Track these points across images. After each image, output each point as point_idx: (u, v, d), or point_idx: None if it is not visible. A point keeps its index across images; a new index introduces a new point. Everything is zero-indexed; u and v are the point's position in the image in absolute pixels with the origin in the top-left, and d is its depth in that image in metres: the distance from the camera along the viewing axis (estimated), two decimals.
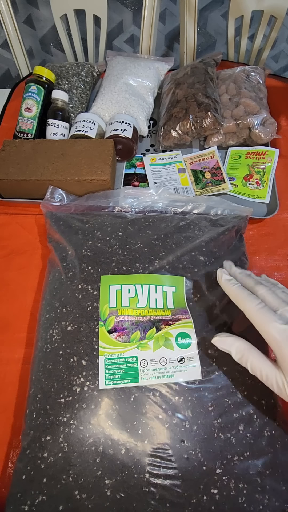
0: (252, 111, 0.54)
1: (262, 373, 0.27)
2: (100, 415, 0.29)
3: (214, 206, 0.47)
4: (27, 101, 0.56)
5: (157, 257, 0.37)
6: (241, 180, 0.54)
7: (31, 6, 1.19)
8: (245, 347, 0.28)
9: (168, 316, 0.33)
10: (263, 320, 0.27)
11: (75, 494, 0.28)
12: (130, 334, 0.32)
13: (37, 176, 0.48)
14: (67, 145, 0.51)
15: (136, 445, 0.29)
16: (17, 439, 0.36)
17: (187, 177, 0.55)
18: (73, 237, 0.41)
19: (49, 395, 0.31)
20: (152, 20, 0.76)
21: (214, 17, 1.22)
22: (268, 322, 0.26)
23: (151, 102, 0.62)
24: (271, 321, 0.26)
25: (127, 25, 1.25)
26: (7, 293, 0.45)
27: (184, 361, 0.31)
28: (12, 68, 1.44)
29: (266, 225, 0.50)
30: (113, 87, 0.59)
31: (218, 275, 0.32)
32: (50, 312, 0.36)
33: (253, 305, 0.28)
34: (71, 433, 0.29)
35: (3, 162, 0.49)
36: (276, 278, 0.46)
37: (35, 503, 0.28)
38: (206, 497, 0.28)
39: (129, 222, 0.42)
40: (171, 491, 0.28)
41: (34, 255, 0.48)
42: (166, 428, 0.29)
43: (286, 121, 0.62)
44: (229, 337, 0.29)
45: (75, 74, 0.63)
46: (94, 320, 0.33)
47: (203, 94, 0.55)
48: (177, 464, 0.29)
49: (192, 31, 0.76)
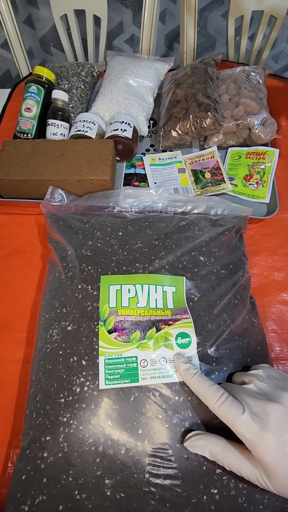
0: (252, 111, 0.54)
1: (242, 473, 0.25)
2: (100, 415, 0.29)
3: (214, 206, 0.47)
4: (27, 101, 0.56)
5: (157, 257, 0.37)
6: (241, 180, 0.54)
7: (31, 6, 1.19)
8: (218, 449, 0.26)
9: (168, 316, 0.33)
10: (228, 419, 0.25)
11: (75, 494, 0.28)
12: (130, 334, 0.32)
13: (37, 176, 0.48)
14: (67, 145, 0.51)
15: (136, 445, 0.29)
16: (17, 439, 0.36)
17: (187, 177, 0.55)
18: (73, 237, 0.41)
19: (49, 395, 0.31)
20: (152, 20, 0.76)
21: (214, 17, 1.22)
22: (234, 420, 0.25)
23: (151, 102, 0.62)
24: (238, 417, 0.25)
25: (127, 25, 1.25)
26: (7, 293, 0.45)
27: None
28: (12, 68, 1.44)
29: (266, 225, 0.50)
30: (113, 87, 0.59)
31: (175, 363, 0.30)
32: (50, 312, 0.36)
33: (213, 401, 0.26)
34: (71, 433, 0.29)
35: (3, 162, 0.49)
36: (276, 278, 0.46)
37: (35, 503, 0.28)
38: (206, 497, 0.28)
39: (129, 222, 0.42)
40: (171, 491, 0.28)
41: (34, 255, 0.48)
42: (166, 428, 0.29)
43: (286, 121, 0.62)
44: (200, 439, 0.27)
45: (75, 74, 0.63)
46: (94, 320, 0.33)
47: (203, 94, 0.55)
48: (177, 464, 0.29)
49: (192, 31, 0.76)
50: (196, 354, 0.32)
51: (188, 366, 0.30)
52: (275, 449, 0.23)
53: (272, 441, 0.23)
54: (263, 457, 0.23)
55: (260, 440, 0.24)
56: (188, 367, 0.29)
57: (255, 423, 0.24)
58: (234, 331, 0.34)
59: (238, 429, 0.25)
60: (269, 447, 0.23)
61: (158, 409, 0.30)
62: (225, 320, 0.34)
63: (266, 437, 0.23)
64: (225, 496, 0.28)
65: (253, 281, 0.45)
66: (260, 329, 0.38)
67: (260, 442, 0.23)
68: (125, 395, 0.30)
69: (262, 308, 0.43)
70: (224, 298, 0.36)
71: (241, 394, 0.27)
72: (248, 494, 0.28)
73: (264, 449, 0.23)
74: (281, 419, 0.24)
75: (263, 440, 0.23)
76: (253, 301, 0.40)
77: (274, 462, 0.23)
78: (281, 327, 0.42)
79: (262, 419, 0.24)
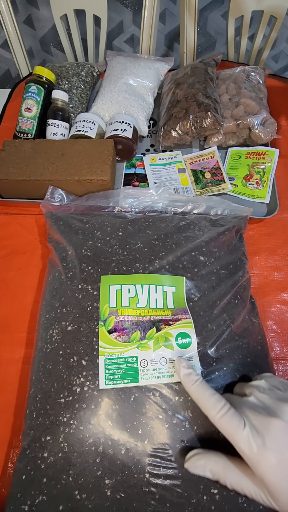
0: (252, 111, 0.54)
1: (245, 492, 0.24)
2: (100, 415, 0.29)
3: (214, 206, 0.47)
4: (27, 101, 0.56)
5: (157, 257, 0.37)
6: (241, 180, 0.54)
7: (31, 6, 1.19)
8: (219, 468, 0.25)
9: (168, 316, 0.33)
10: (228, 433, 0.24)
11: (75, 494, 0.28)
12: (130, 334, 0.32)
13: (37, 176, 0.48)
14: (67, 145, 0.51)
15: (136, 445, 0.29)
16: (17, 439, 0.36)
17: (187, 177, 0.55)
18: (73, 237, 0.41)
19: (49, 395, 0.31)
20: (152, 20, 0.76)
21: (214, 17, 1.22)
22: (234, 435, 0.24)
23: (151, 102, 0.62)
24: (238, 432, 0.23)
25: (127, 25, 1.25)
26: (7, 293, 0.45)
27: None
28: (12, 68, 1.44)
29: (266, 225, 0.50)
30: (113, 87, 0.59)
31: (176, 367, 0.29)
32: (50, 312, 0.36)
33: (213, 412, 0.25)
34: (71, 433, 0.29)
35: (3, 162, 0.49)
36: (276, 278, 0.46)
37: (35, 503, 0.28)
38: (206, 497, 0.28)
39: (129, 222, 0.42)
40: (171, 491, 0.28)
41: (34, 255, 0.48)
42: (166, 428, 0.29)
43: (286, 121, 0.62)
44: (199, 459, 0.26)
45: (75, 74, 0.63)
46: (94, 320, 0.33)
47: (203, 94, 0.55)
48: (177, 464, 0.29)
49: (192, 31, 0.76)
50: (197, 354, 0.32)
51: (190, 371, 0.28)
52: (276, 468, 0.22)
53: (273, 460, 0.22)
54: (265, 476, 0.23)
55: (261, 458, 0.23)
56: (190, 372, 0.28)
57: (255, 440, 0.23)
58: (234, 331, 0.34)
59: (239, 444, 0.24)
60: (270, 466, 0.22)
61: (158, 409, 0.30)
62: (225, 320, 0.34)
63: (267, 456, 0.23)
64: (225, 496, 0.28)
65: (253, 281, 0.45)
66: (260, 329, 0.38)
67: (261, 460, 0.23)
68: (125, 395, 0.30)
69: (262, 308, 0.43)
70: (224, 298, 0.36)
71: (242, 407, 0.26)
72: None
73: (265, 467, 0.23)
74: (282, 436, 0.23)
75: (263, 458, 0.23)
76: (253, 301, 0.40)
77: (276, 481, 0.22)
78: (281, 327, 0.42)
79: (263, 435, 0.23)
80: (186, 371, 0.28)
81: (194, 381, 0.27)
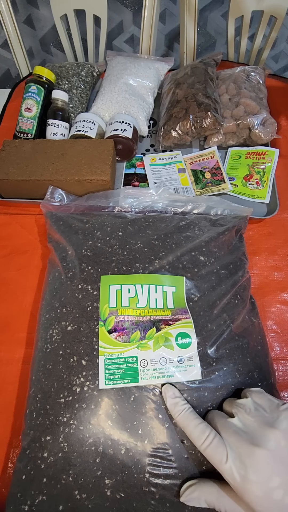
0: (252, 111, 0.54)
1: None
2: (100, 415, 0.29)
3: (214, 206, 0.47)
4: (27, 101, 0.56)
5: (157, 257, 0.37)
6: (241, 180, 0.54)
7: (31, 6, 1.19)
8: (213, 498, 0.26)
9: (168, 316, 0.33)
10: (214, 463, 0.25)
11: (75, 494, 0.28)
12: (130, 334, 0.32)
13: (37, 176, 0.48)
14: (67, 145, 0.51)
15: (136, 445, 0.29)
16: (17, 439, 0.36)
17: (187, 177, 0.55)
18: (73, 237, 0.41)
19: (49, 395, 0.31)
20: (152, 20, 0.76)
21: (214, 17, 1.22)
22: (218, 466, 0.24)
23: (151, 102, 0.62)
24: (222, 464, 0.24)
25: (127, 25, 1.25)
26: (7, 293, 0.45)
27: (184, 361, 0.31)
28: (12, 68, 1.44)
29: (266, 225, 0.50)
30: (113, 87, 0.59)
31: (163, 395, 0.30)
32: (50, 312, 0.36)
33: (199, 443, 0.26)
34: (71, 433, 0.29)
35: (3, 162, 0.49)
36: (276, 278, 0.46)
37: (35, 503, 0.28)
38: None
39: (129, 222, 0.42)
40: (171, 491, 0.28)
41: (34, 255, 0.48)
42: (166, 428, 0.29)
43: (286, 121, 0.62)
44: (193, 492, 0.27)
45: (75, 74, 0.63)
46: (94, 320, 0.33)
47: (203, 94, 0.55)
48: (177, 464, 0.29)
49: (192, 31, 0.76)
50: (197, 354, 0.32)
51: (176, 401, 0.29)
52: (261, 499, 0.22)
53: (257, 491, 0.22)
54: (252, 505, 0.23)
55: (245, 489, 0.23)
56: (176, 402, 0.29)
57: (238, 471, 0.23)
58: (234, 331, 0.34)
59: (224, 475, 0.24)
60: (255, 496, 0.23)
61: (158, 409, 0.30)
62: (225, 320, 0.34)
63: (250, 487, 0.23)
64: None
65: (253, 281, 0.45)
66: (260, 329, 0.38)
67: (245, 491, 0.23)
68: (125, 395, 0.30)
69: (262, 308, 0.43)
70: (224, 298, 0.36)
71: (226, 431, 0.26)
72: None
73: (250, 498, 0.23)
74: (265, 466, 0.23)
75: (247, 489, 0.23)
76: (253, 301, 0.40)
77: (263, 510, 0.23)
78: (281, 327, 0.42)
79: (246, 467, 0.23)
80: (172, 400, 0.29)
81: (180, 411, 0.28)
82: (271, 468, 0.23)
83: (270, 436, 0.24)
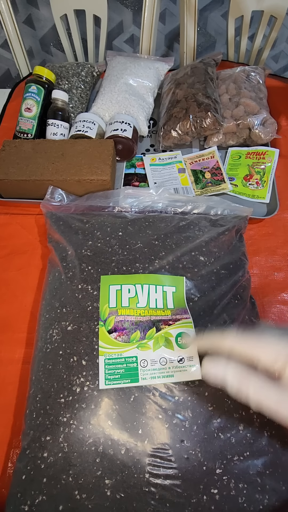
0: (252, 111, 0.54)
1: (268, 400, 0.21)
2: (100, 415, 0.29)
3: (214, 206, 0.47)
4: (27, 101, 0.56)
5: (157, 257, 0.37)
6: (241, 180, 0.54)
7: (31, 6, 1.18)
8: (242, 371, 0.22)
9: (168, 316, 0.33)
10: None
11: (75, 494, 0.28)
12: (130, 334, 0.32)
13: (37, 176, 0.48)
14: (67, 145, 0.51)
15: (136, 445, 0.29)
16: (17, 439, 0.36)
17: (187, 177, 0.55)
18: (73, 237, 0.41)
19: (49, 395, 0.31)
20: (152, 20, 0.76)
21: (214, 17, 1.22)
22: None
23: (151, 102, 0.62)
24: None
25: (127, 25, 1.25)
26: (7, 293, 0.45)
27: (184, 361, 0.31)
28: (12, 68, 1.44)
29: (266, 225, 0.50)
30: (113, 87, 0.59)
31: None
32: (50, 312, 0.36)
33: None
34: (71, 433, 0.29)
35: (3, 162, 0.49)
36: (276, 278, 0.46)
37: (35, 503, 0.28)
38: (206, 497, 0.28)
39: (129, 222, 0.42)
40: (171, 491, 0.28)
41: (34, 255, 0.48)
42: (166, 428, 0.29)
43: (286, 121, 0.62)
44: (220, 360, 0.23)
45: (75, 74, 0.63)
46: (94, 320, 0.33)
47: (203, 94, 0.55)
48: (177, 464, 0.29)
49: (192, 31, 0.76)
50: (197, 354, 0.32)
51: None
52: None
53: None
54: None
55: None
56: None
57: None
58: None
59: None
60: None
61: (158, 409, 0.30)
62: (225, 320, 0.34)
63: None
64: (225, 496, 0.28)
65: (253, 281, 0.45)
66: None
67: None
68: (125, 395, 0.30)
69: (262, 308, 0.43)
70: (224, 298, 0.36)
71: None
72: (248, 494, 0.28)
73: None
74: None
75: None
76: (253, 301, 0.40)
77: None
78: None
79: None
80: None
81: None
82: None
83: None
